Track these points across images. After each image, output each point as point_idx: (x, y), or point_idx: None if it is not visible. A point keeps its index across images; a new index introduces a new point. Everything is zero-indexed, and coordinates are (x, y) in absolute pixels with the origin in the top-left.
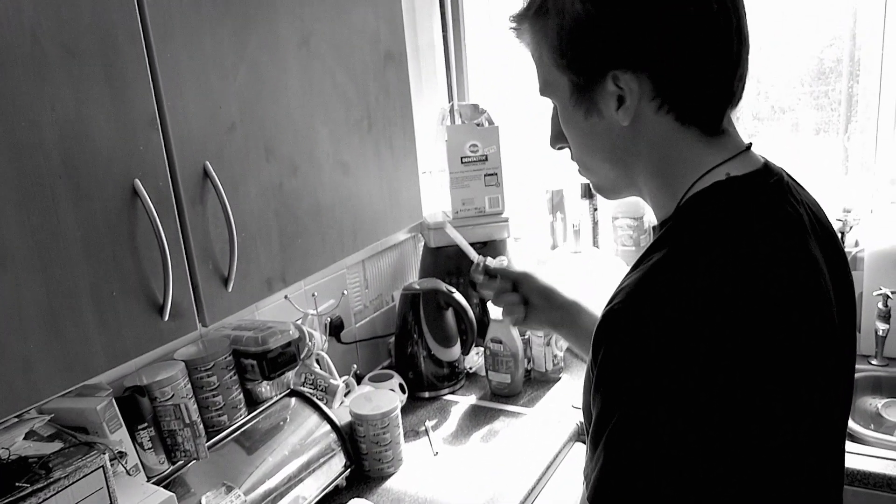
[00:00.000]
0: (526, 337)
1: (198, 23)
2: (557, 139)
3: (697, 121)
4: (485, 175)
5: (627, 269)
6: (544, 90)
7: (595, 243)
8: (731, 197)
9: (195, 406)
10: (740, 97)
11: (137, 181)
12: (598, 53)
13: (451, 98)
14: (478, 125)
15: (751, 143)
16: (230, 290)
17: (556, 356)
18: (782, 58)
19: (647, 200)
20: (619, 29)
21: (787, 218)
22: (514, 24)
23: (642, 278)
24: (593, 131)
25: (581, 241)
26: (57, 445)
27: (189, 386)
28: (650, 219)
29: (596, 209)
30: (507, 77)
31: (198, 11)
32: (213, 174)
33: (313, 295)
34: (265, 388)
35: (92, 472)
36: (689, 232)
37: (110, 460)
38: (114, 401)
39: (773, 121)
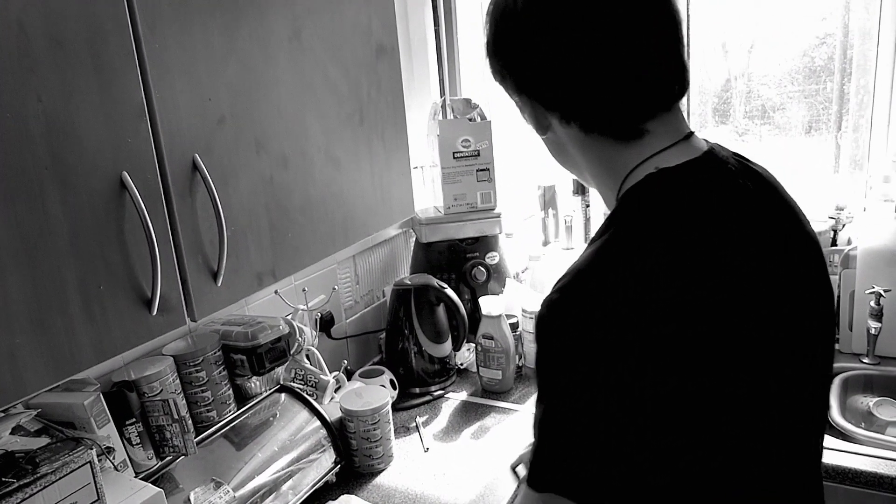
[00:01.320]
0: (518, 333)
1: (187, 14)
2: None
3: (604, 132)
4: (477, 170)
5: None
6: None
7: (587, 240)
8: (661, 190)
9: (184, 401)
10: (660, 105)
11: (125, 174)
12: (499, 76)
13: (443, 93)
14: (470, 120)
15: (691, 133)
16: (220, 284)
17: None
18: (773, 56)
19: (600, 194)
20: (500, 58)
21: (718, 207)
22: None
23: (571, 272)
24: (535, 134)
25: (573, 237)
26: (44, 440)
27: (178, 381)
28: None
29: (588, 205)
30: None
31: (187, 2)
32: (203, 167)
33: (303, 290)
34: (255, 384)
35: (79, 467)
36: (617, 227)
37: (98, 456)
38: (101, 396)
39: (763, 119)
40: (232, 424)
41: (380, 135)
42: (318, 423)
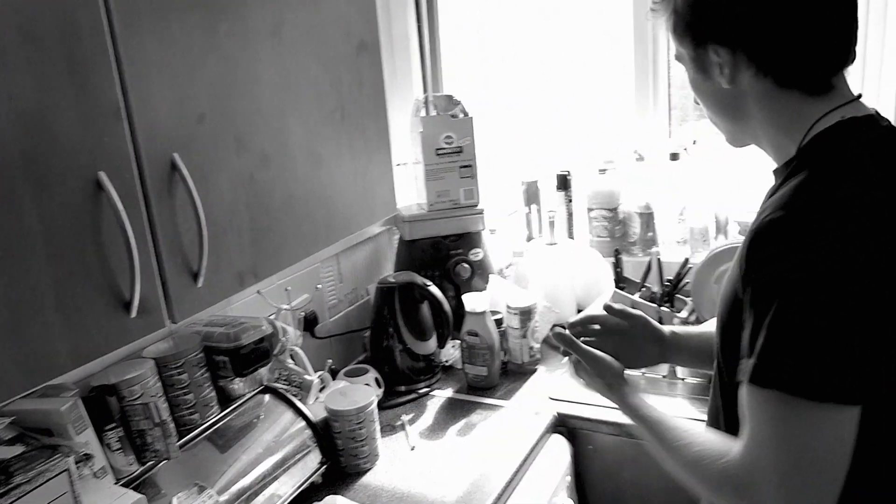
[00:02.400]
0: (502, 329)
1: (165, 9)
2: (696, 98)
3: (797, 85)
4: (460, 167)
5: (602, 260)
6: (677, 58)
7: (570, 234)
8: (859, 131)
9: (165, 405)
10: (845, 61)
11: (102, 174)
12: (698, 30)
13: (425, 89)
14: (452, 116)
15: (860, 94)
16: (200, 285)
17: (532, 348)
18: None
19: (765, 148)
20: (712, 10)
21: None
22: (654, 5)
23: (788, 195)
24: (708, 91)
25: (556, 232)
26: (18, 449)
27: (159, 384)
28: (624, 209)
29: (570, 200)
30: (482, 68)
31: None
32: (182, 166)
33: (286, 289)
34: (238, 385)
35: (55, 475)
36: (826, 158)
37: (76, 463)
38: (80, 401)
39: None
40: (215, 427)
41: (361, 132)
42: (302, 423)
